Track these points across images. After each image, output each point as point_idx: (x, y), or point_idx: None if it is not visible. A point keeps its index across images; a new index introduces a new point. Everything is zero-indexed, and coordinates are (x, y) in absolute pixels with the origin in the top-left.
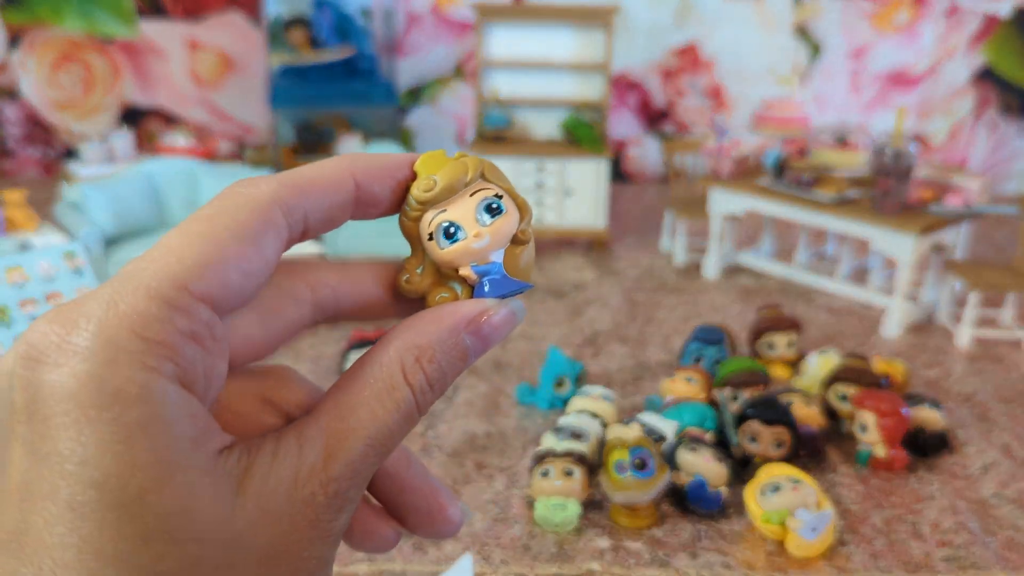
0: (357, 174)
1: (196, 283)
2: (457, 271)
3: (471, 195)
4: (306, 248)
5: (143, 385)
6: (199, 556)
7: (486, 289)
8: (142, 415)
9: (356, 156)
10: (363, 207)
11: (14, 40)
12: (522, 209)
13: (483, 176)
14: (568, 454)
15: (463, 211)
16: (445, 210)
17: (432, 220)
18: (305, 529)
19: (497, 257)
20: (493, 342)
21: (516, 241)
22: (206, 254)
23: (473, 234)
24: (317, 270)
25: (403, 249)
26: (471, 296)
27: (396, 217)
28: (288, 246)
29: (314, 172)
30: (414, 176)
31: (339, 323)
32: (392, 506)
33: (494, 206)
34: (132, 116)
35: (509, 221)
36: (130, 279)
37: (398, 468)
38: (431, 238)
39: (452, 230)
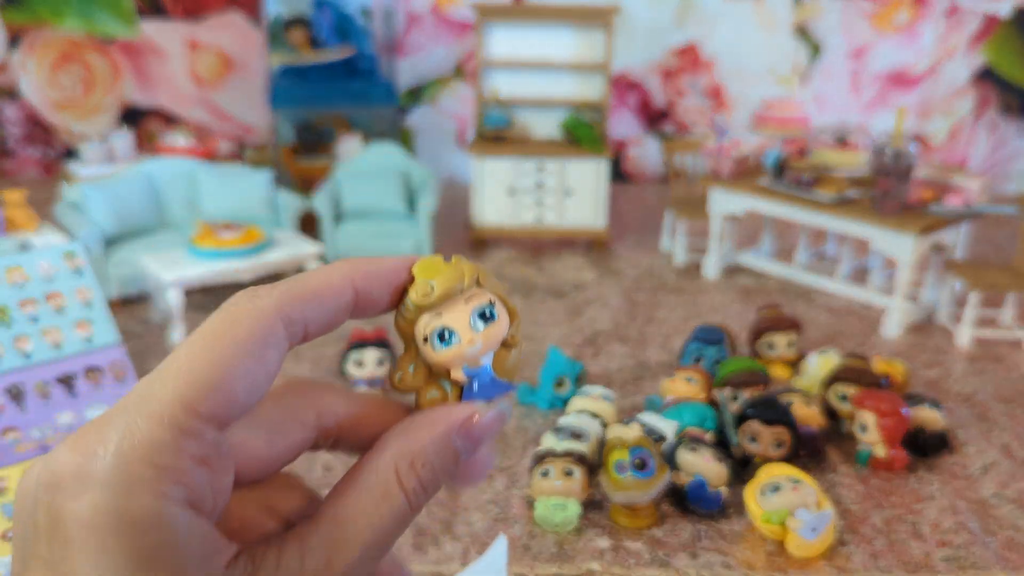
0: (356, 281)
1: (204, 404)
2: (449, 372)
3: (465, 301)
4: (305, 248)
5: (156, 513)
6: None
7: (475, 390)
8: (156, 541)
9: (356, 263)
10: (361, 310)
11: (14, 40)
12: (512, 315)
13: (477, 282)
14: (568, 454)
15: (458, 317)
16: (440, 315)
17: (428, 324)
18: None
19: (486, 360)
20: (482, 443)
21: (505, 344)
22: (213, 374)
23: (467, 340)
24: (326, 395)
25: (400, 252)
26: (459, 395)
27: (396, 222)
28: (287, 351)
29: (315, 281)
30: (411, 279)
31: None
32: None
33: (487, 313)
34: (132, 116)
35: (500, 327)
36: (144, 404)
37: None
38: (426, 340)
39: (446, 335)
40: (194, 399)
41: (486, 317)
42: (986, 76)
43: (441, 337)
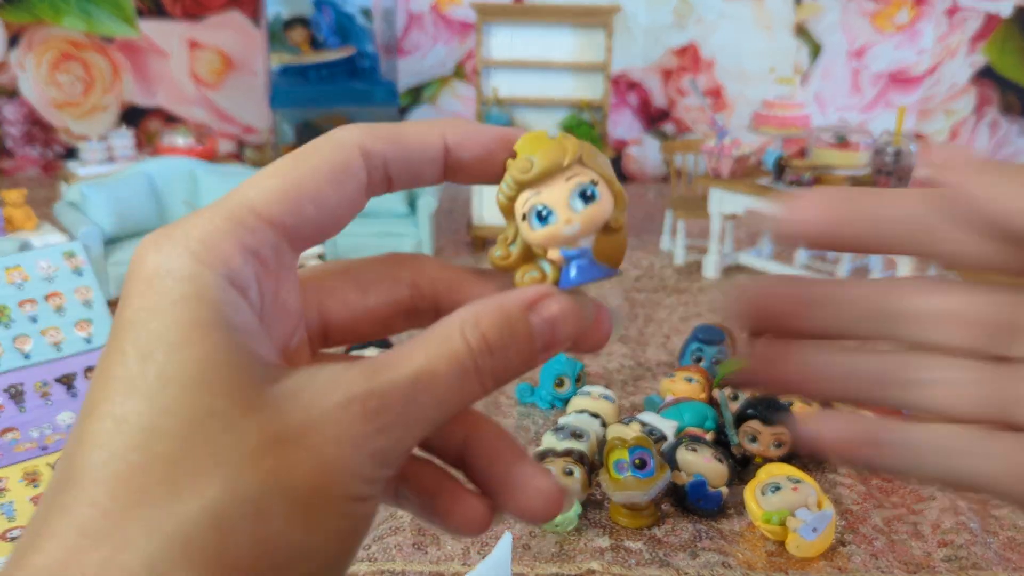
0: (449, 137)
1: (266, 208)
2: (547, 252)
3: (567, 180)
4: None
5: (193, 270)
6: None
7: (572, 273)
8: (186, 289)
9: (456, 121)
10: (452, 172)
11: (13, 39)
12: (617, 198)
13: (581, 161)
14: (568, 453)
15: (557, 195)
16: (540, 192)
17: (527, 201)
18: (335, 444)
19: (587, 243)
20: (560, 331)
21: (608, 229)
22: (282, 185)
23: (564, 220)
24: (423, 260)
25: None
26: (558, 277)
27: (396, 222)
28: (373, 191)
29: (406, 127)
30: (512, 153)
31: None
32: (482, 480)
33: (588, 193)
34: (132, 116)
35: (601, 208)
36: (218, 204)
37: (485, 436)
38: (524, 218)
39: (544, 213)
40: (256, 201)
41: (587, 197)
42: (987, 75)
43: (539, 216)
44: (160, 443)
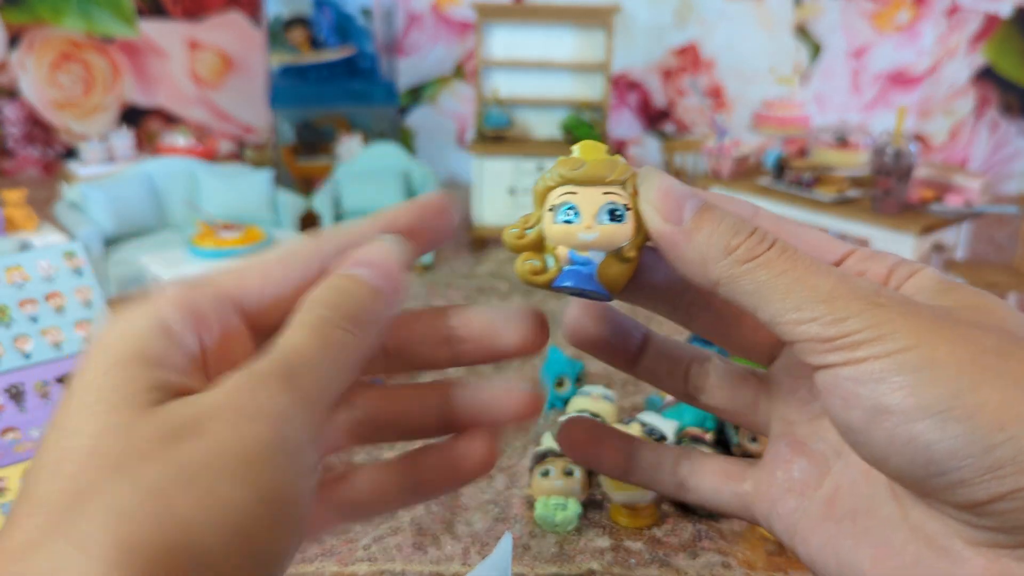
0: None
1: (217, 279)
2: (556, 249)
3: (603, 193)
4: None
5: (130, 323)
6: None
7: (568, 276)
8: (118, 337)
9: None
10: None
11: (14, 40)
12: (640, 232)
13: (624, 185)
14: None
15: (588, 201)
16: (576, 193)
17: (560, 195)
18: (226, 424)
19: (597, 258)
20: (383, 259)
21: (619, 255)
22: (238, 266)
23: (585, 225)
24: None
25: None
26: (556, 276)
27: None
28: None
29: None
30: (568, 152)
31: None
32: (471, 421)
33: (617, 212)
34: (132, 116)
35: (622, 232)
36: (186, 280)
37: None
38: (552, 209)
39: (571, 212)
40: (212, 276)
41: (614, 216)
42: (987, 76)
43: (566, 213)
44: (68, 462)
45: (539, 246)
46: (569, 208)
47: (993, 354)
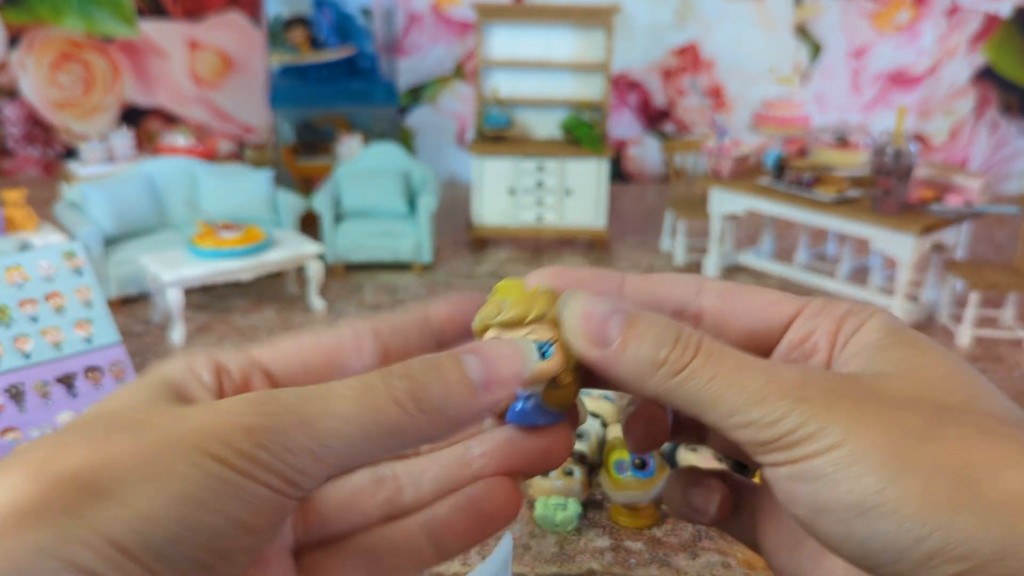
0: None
1: (249, 351)
2: None
3: (527, 334)
4: (305, 248)
5: (168, 366)
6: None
7: (517, 412)
8: (155, 375)
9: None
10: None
11: (14, 40)
12: (568, 359)
13: (544, 319)
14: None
15: None
16: (503, 335)
17: (492, 338)
18: (214, 440)
19: (538, 389)
20: (499, 365)
21: (556, 383)
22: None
23: None
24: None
25: (398, 255)
26: (506, 411)
27: (396, 222)
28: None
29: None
30: (492, 292)
31: None
32: None
33: (543, 350)
34: (132, 116)
35: (551, 367)
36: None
37: None
38: None
39: None
40: (250, 350)
41: (542, 351)
42: (987, 75)
43: None
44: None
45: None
46: None
47: (915, 439)
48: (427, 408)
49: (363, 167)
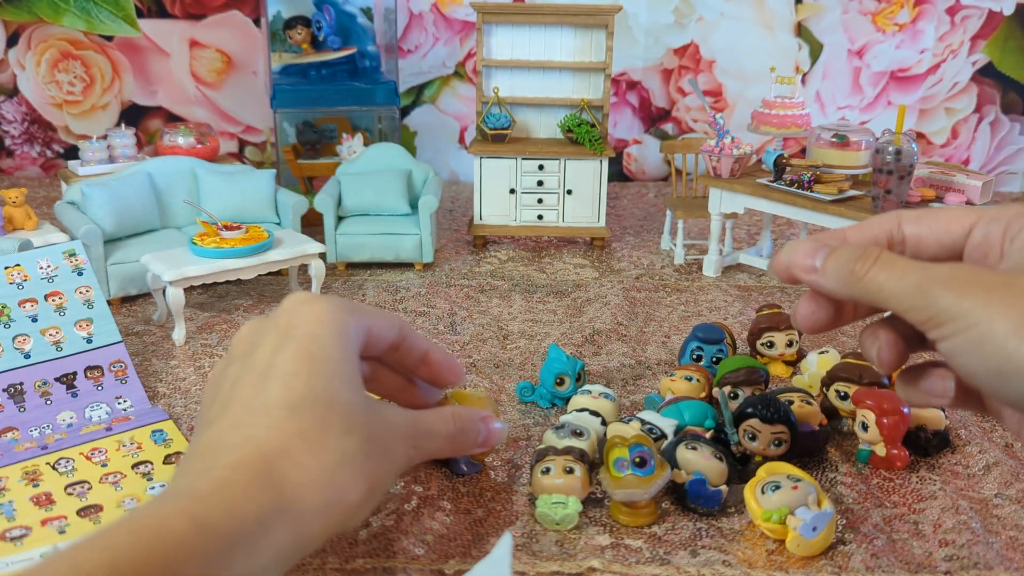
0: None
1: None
2: None
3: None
4: (306, 248)
5: (343, 319)
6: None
7: (460, 461)
8: (340, 327)
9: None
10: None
11: (12, 38)
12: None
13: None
14: (568, 451)
15: None
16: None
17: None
18: (397, 442)
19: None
20: (492, 439)
21: (482, 453)
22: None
23: None
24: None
25: (399, 254)
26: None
27: (398, 221)
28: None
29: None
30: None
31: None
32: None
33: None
34: (132, 115)
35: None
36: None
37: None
38: None
39: None
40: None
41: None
42: (988, 74)
43: None
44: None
45: None
46: None
47: None
48: (465, 444)
49: (364, 167)
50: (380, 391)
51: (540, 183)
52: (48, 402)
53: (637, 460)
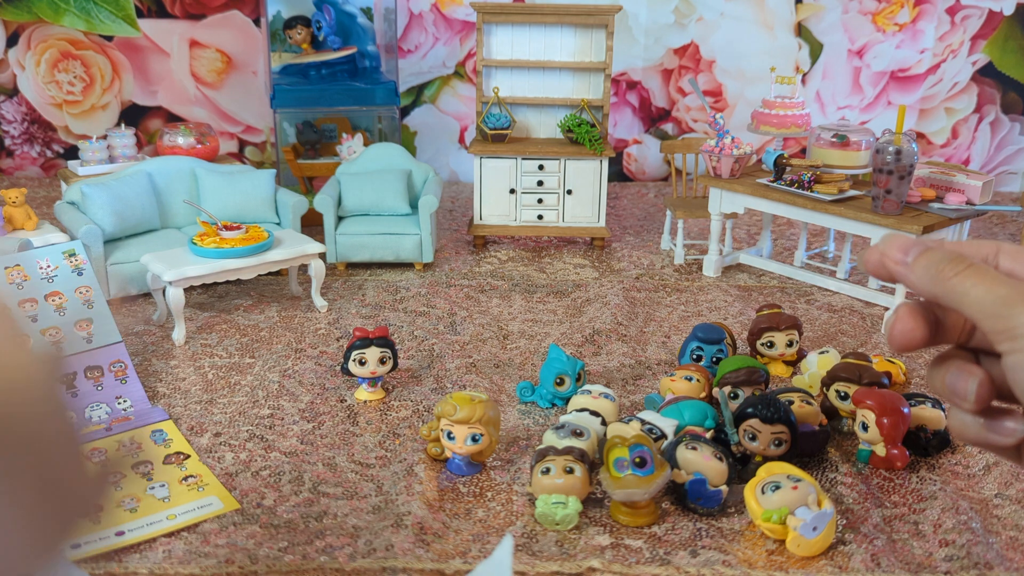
0: None
1: None
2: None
3: (468, 428)
4: (306, 248)
5: None
6: None
7: (455, 463)
8: None
9: None
10: None
11: (12, 38)
12: (493, 442)
13: (482, 420)
14: (569, 451)
15: (460, 432)
16: (453, 425)
17: (446, 426)
18: None
19: (468, 451)
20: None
21: (480, 451)
22: None
23: (459, 443)
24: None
25: (399, 254)
26: (446, 461)
27: (398, 221)
28: None
29: None
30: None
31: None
32: None
33: (476, 437)
34: (133, 115)
35: (479, 446)
36: None
37: None
38: (442, 430)
39: (451, 436)
40: None
41: (475, 439)
42: (988, 74)
43: (449, 435)
44: None
45: (438, 442)
46: (449, 433)
47: None
48: None
49: (364, 167)
50: None
51: (540, 183)
52: None
53: (637, 460)
